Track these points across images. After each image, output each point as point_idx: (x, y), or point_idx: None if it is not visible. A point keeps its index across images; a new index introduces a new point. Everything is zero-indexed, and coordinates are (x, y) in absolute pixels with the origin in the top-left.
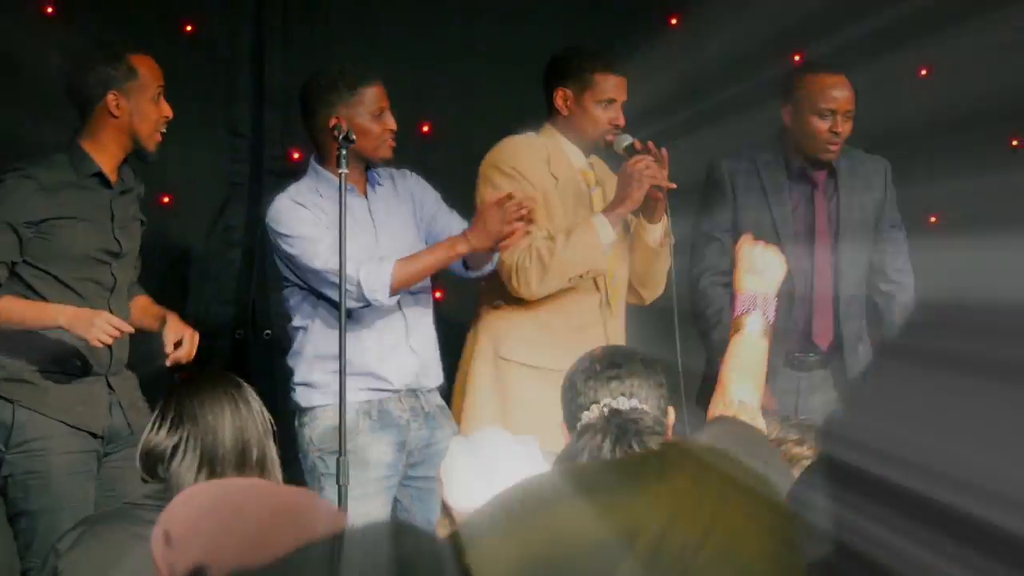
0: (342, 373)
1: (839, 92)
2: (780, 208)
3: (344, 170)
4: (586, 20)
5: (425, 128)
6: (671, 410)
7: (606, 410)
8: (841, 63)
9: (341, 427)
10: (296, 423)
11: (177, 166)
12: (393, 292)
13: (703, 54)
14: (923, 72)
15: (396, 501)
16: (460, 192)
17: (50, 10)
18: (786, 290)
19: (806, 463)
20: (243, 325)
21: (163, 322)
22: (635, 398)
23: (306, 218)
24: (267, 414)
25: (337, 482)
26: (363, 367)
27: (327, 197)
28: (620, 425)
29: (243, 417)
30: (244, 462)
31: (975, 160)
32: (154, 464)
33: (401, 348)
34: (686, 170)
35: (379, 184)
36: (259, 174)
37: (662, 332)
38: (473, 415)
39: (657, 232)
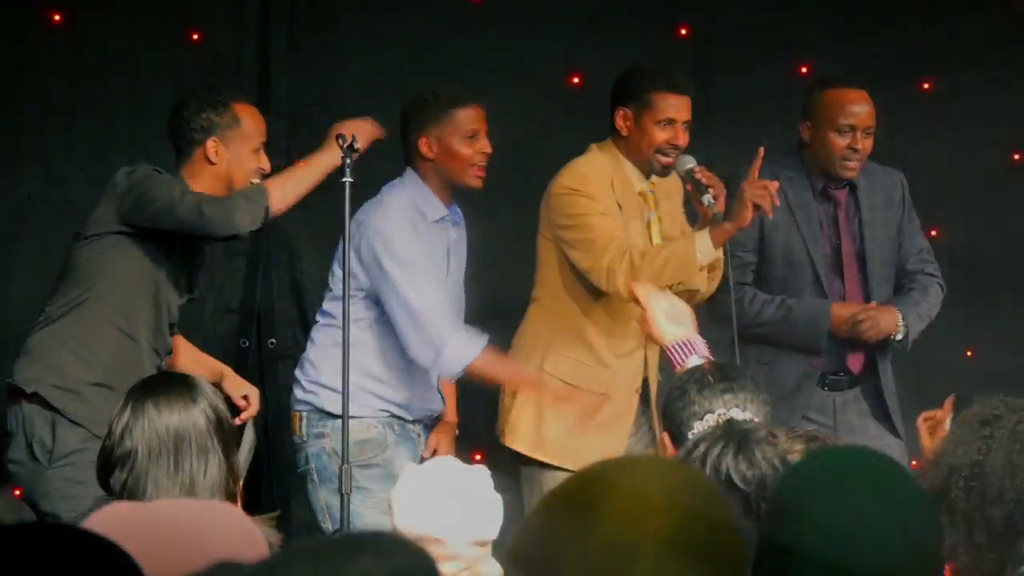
0: (344, 380)
1: (859, 107)
2: (809, 228)
3: (348, 179)
4: (594, 31)
5: None
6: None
7: (722, 419)
8: (848, 77)
9: (344, 434)
10: (307, 428)
11: None
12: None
13: (713, 63)
14: (925, 86)
15: None
16: (469, 200)
17: (57, 17)
18: (813, 300)
19: None
20: (247, 334)
21: (220, 376)
22: (748, 411)
23: (417, 247)
24: (226, 420)
25: (339, 490)
26: (400, 395)
27: (427, 222)
28: (740, 433)
29: (198, 431)
30: (192, 490)
31: (976, 173)
32: (107, 473)
33: (431, 388)
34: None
35: (458, 223)
36: None
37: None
38: (512, 423)
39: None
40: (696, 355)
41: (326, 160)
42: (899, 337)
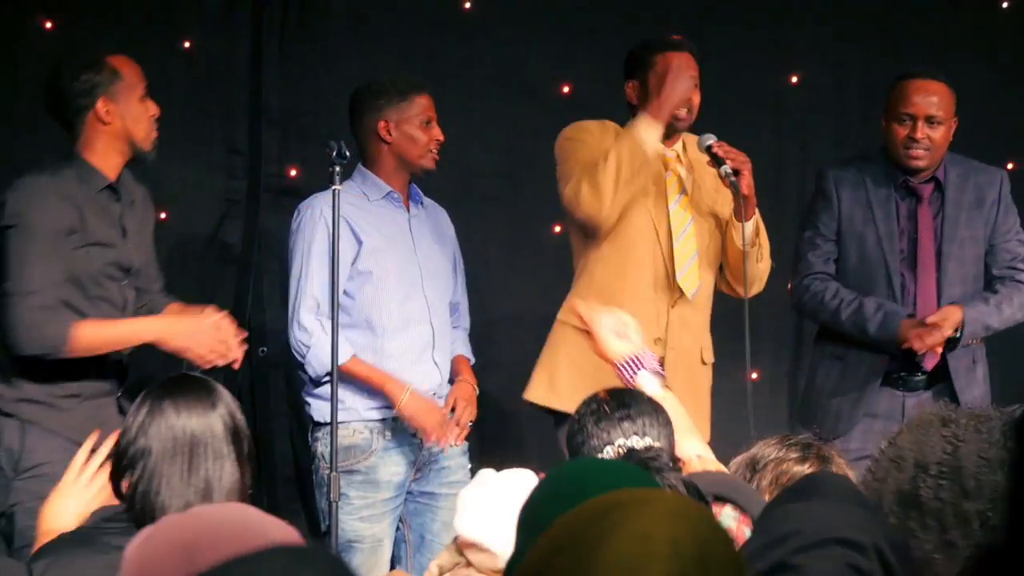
0: (333, 385)
1: (920, 97)
2: (886, 222)
3: (337, 187)
4: (584, 41)
5: None
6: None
7: (622, 450)
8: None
9: (332, 439)
10: (310, 435)
11: (174, 183)
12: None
13: (702, 73)
14: None
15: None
16: (459, 209)
17: (49, 25)
18: (891, 307)
19: None
20: None
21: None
22: (648, 436)
23: (320, 234)
24: (242, 428)
25: (327, 498)
26: (382, 375)
27: (371, 201)
28: (640, 463)
29: (214, 436)
30: (207, 495)
31: None
32: (120, 472)
33: (425, 360)
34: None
35: (421, 203)
36: (256, 191)
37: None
38: (532, 376)
39: (747, 230)
40: (645, 370)
41: (146, 333)
42: (955, 335)
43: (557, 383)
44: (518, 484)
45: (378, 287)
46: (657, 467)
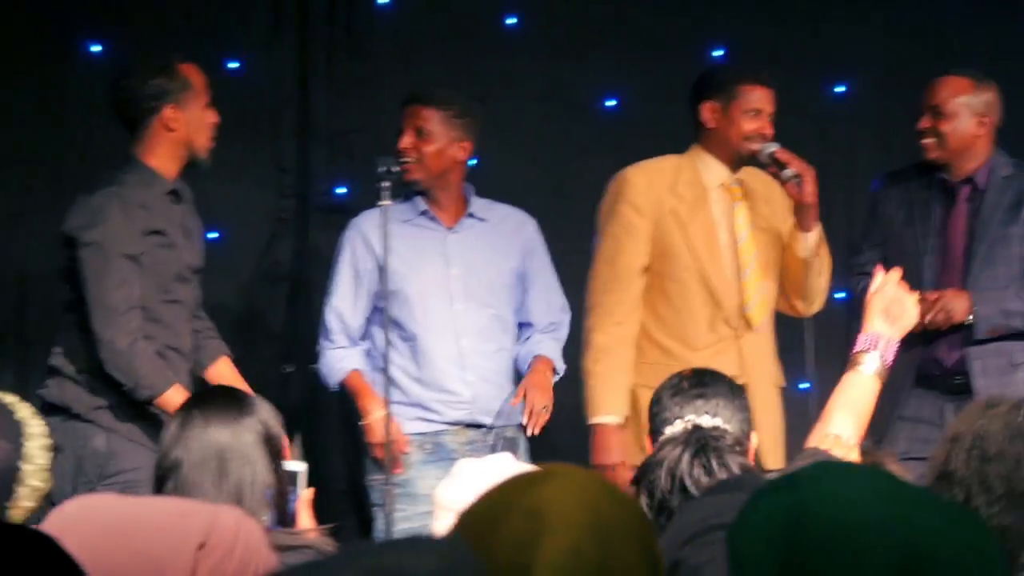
0: (387, 396)
1: (928, 89)
2: (923, 221)
3: (387, 202)
4: (629, 55)
5: None
6: (753, 434)
7: (689, 425)
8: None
9: (386, 453)
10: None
11: (223, 202)
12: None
13: None
14: None
15: None
16: None
17: (96, 48)
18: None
19: None
20: (290, 359)
21: None
22: (718, 417)
23: (354, 250)
24: (276, 437)
25: (373, 506)
26: (414, 397)
27: (401, 223)
28: (700, 439)
29: (243, 444)
30: (239, 501)
31: None
32: (160, 484)
33: (453, 381)
34: None
35: (479, 219)
36: (305, 209)
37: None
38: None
39: (810, 241)
40: (875, 352)
41: None
42: (966, 322)
43: (648, 446)
44: (494, 470)
45: (402, 306)
46: (717, 447)
